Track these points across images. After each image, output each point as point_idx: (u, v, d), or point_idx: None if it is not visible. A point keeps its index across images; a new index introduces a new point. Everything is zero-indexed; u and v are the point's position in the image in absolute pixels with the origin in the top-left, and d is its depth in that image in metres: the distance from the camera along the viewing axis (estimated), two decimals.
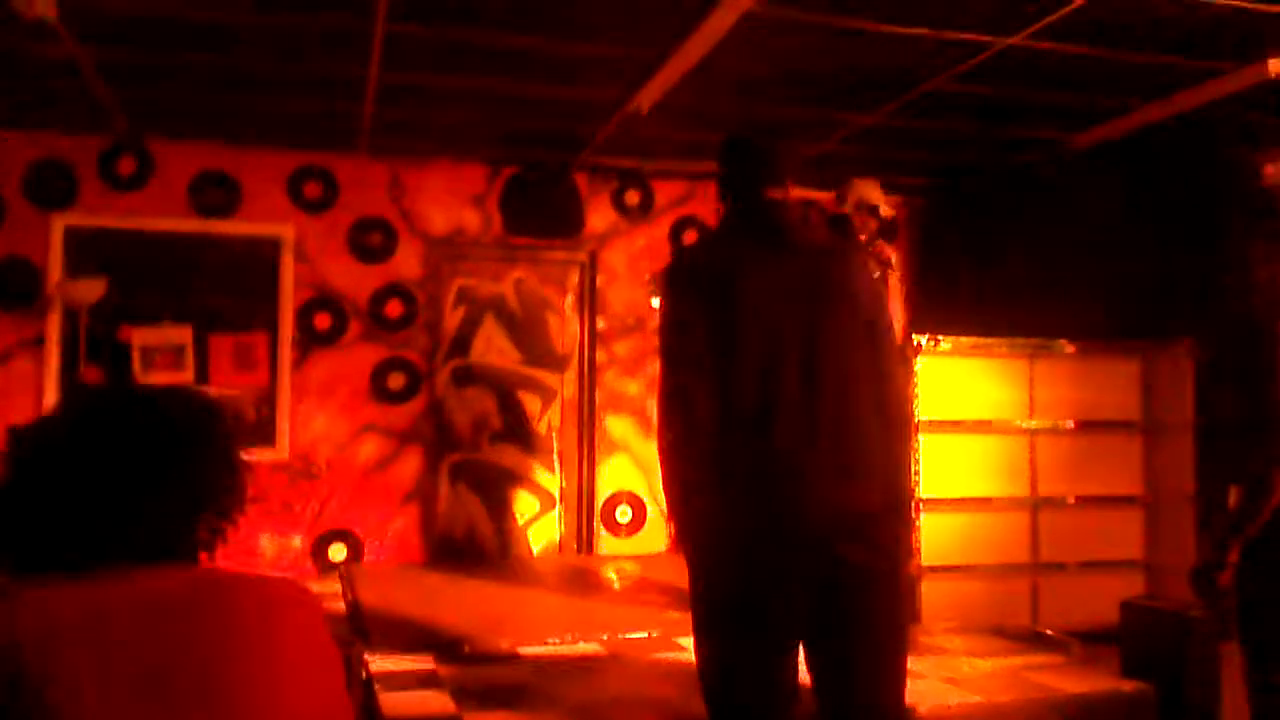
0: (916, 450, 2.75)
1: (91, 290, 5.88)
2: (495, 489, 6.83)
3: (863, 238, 4.34)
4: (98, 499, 1.27)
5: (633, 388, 6.99)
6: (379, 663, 3.86)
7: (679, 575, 4.59)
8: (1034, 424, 5.34)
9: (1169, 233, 5.51)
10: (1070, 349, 5.47)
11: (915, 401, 2.85)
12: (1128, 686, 3.81)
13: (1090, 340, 5.55)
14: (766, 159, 2.68)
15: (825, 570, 2.48)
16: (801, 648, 2.57)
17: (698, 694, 3.54)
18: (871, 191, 4.40)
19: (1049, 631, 4.72)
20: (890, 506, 2.56)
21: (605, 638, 4.38)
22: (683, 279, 2.65)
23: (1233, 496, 2.76)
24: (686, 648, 4.22)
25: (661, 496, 6.11)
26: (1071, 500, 5.35)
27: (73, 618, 1.17)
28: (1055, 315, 5.78)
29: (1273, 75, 4.67)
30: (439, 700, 3.48)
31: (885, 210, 4.41)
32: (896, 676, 2.57)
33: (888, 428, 2.57)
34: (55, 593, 1.20)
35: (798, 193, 3.84)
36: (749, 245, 2.60)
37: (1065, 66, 4.80)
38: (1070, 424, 5.40)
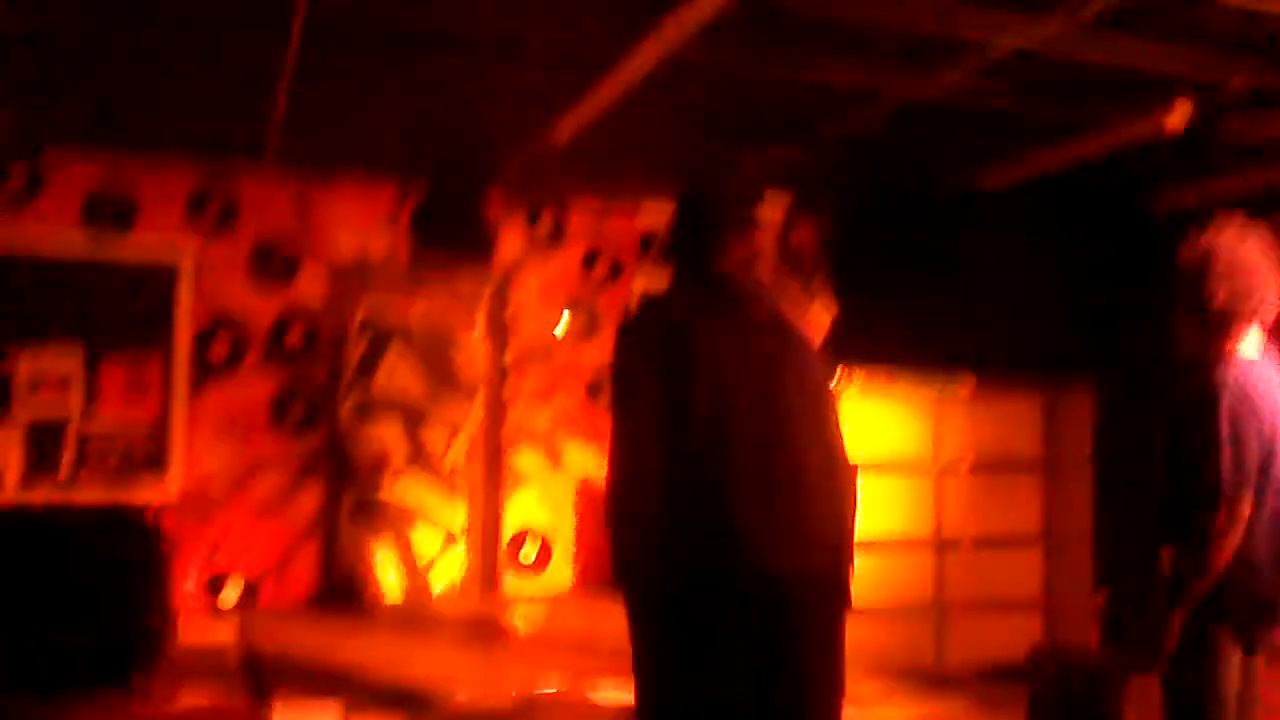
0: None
1: None
2: (397, 525, 6.64)
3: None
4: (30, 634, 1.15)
5: (541, 420, 6.89)
6: (283, 712, 3.71)
7: (585, 617, 4.55)
8: (937, 464, 5.41)
9: (1072, 274, 5.65)
10: (974, 387, 5.55)
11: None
12: None
13: (994, 373, 5.65)
14: (711, 213, 2.66)
15: (773, 640, 2.50)
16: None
17: None
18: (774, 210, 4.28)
19: (951, 673, 4.78)
20: (839, 568, 2.59)
21: (514, 694, 4.27)
22: (636, 340, 2.62)
23: (1166, 561, 2.81)
24: (597, 702, 4.17)
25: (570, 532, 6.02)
26: (971, 541, 5.42)
27: None
28: (960, 349, 5.86)
29: (1167, 130, 4.83)
30: None
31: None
32: None
33: (840, 496, 2.61)
34: None
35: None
36: (700, 308, 2.58)
37: (976, 110, 4.90)
38: (973, 463, 5.49)
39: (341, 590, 6.41)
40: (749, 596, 2.46)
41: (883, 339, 6.39)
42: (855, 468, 2.67)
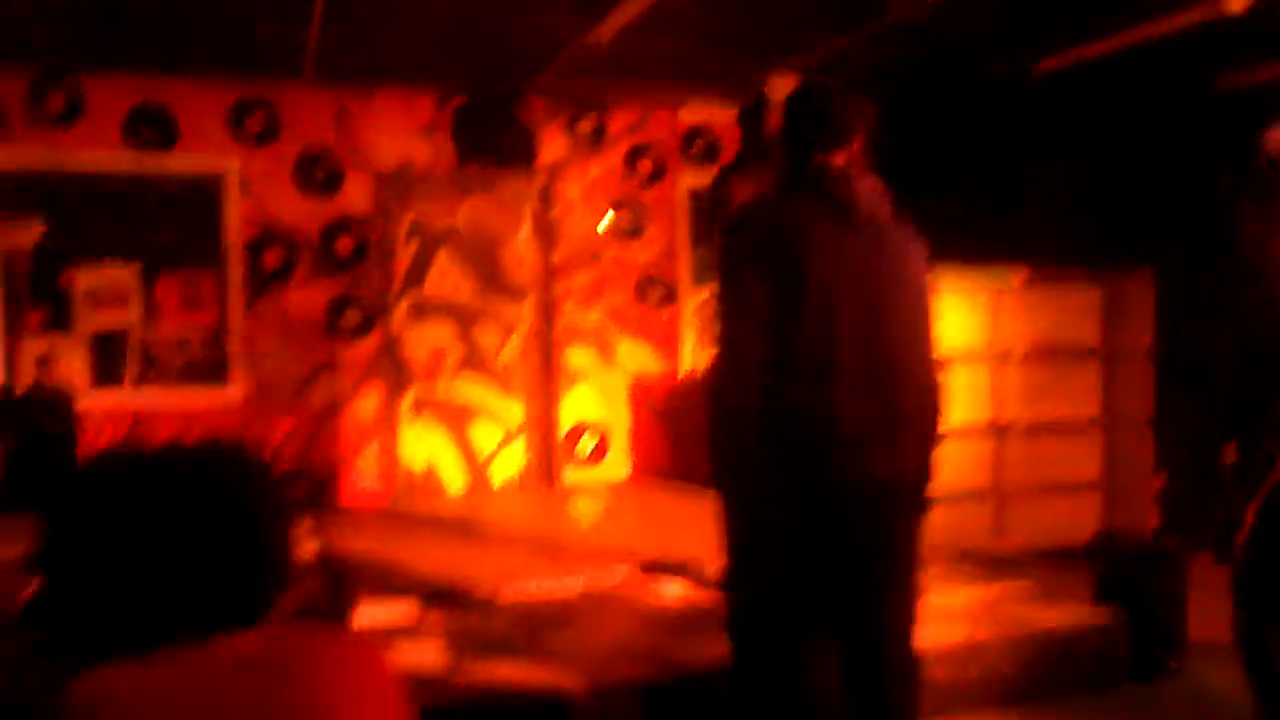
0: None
1: (28, 232, 5.63)
2: (456, 422, 6.77)
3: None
4: (162, 573, 1.19)
5: (591, 318, 6.93)
6: (364, 612, 3.82)
7: (644, 505, 4.64)
8: (995, 351, 5.39)
9: (1130, 159, 5.53)
10: (1030, 277, 5.50)
11: None
12: (1100, 614, 3.91)
13: (1051, 266, 5.59)
14: (828, 119, 2.61)
15: (866, 539, 2.56)
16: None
17: (681, 639, 3.58)
18: (786, 81, 3.83)
19: (1011, 555, 4.84)
20: (925, 481, 2.65)
21: (579, 587, 4.37)
22: (746, 241, 2.59)
23: (1230, 452, 2.81)
24: (659, 595, 4.26)
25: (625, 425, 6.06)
26: (1031, 425, 5.43)
27: (169, 700, 1.12)
28: (1016, 242, 5.80)
29: (1229, 11, 4.67)
30: (433, 649, 3.47)
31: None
32: (913, 629, 2.67)
33: (930, 408, 2.64)
34: (144, 674, 1.14)
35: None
36: (813, 212, 2.55)
37: None
38: (1030, 351, 5.46)
39: (405, 487, 6.58)
40: (844, 497, 2.51)
41: (937, 231, 6.30)
42: (940, 381, 2.68)
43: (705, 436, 2.62)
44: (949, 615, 3.84)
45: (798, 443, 2.50)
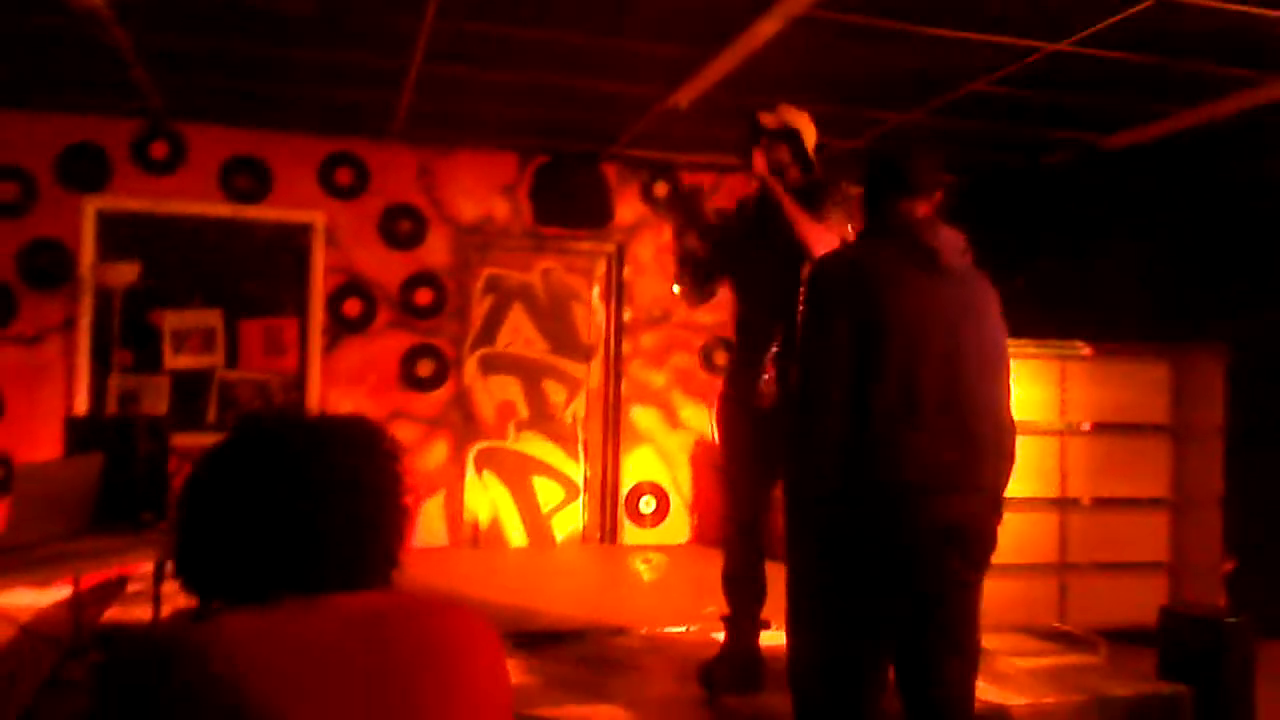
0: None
1: (126, 273, 5.89)
2: (520, 477, 6.88)
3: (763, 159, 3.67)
4: (298, 528, 1.29)
5: (658, 379, 7.03)
6: None
7: (704, 568, 4.68)
8: (1063, 425, 5.38)
9: (1200, 237, 5.55)
10: (1098, 349, 5.50)
11: None
12: (1165, 688, 3.86)
13: (1119, 342, 5.59)
14: (906, 172, 2.71)
15: (935, 582, 2.58)
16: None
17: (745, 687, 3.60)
18: (798, 117, 3.81)
19: (1075, 631, 4.79)
20: (993, 523, 2.67)
21: (644, 631, 4.43)
22: (834, 284, 2.68)
23: None
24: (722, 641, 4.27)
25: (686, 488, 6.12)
26: (1095, 501, 5.39)
27: (280, 645, 1.20)
28: (1083, 316, 5.82)
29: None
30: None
31: (809, 138, 3.81)
32: (973, 680, 2.66)
33: (1004, 452, 2.68)
34: (259, 620, 1.23)
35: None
36: (898, 259, 2.64)
37: (1106, 71, 4.83)
38: (1097, 426, 5.45)
39: (469, 538, 6.68)
40: (915, 542, 2.53)
41: (1005, 303, 6.35)
42: (1014, 425, 2.71)
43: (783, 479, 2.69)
44: (1013, 681, 3.82)
45: (874, 485, 2.54)
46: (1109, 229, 6.02)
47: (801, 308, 2.75)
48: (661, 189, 7.07)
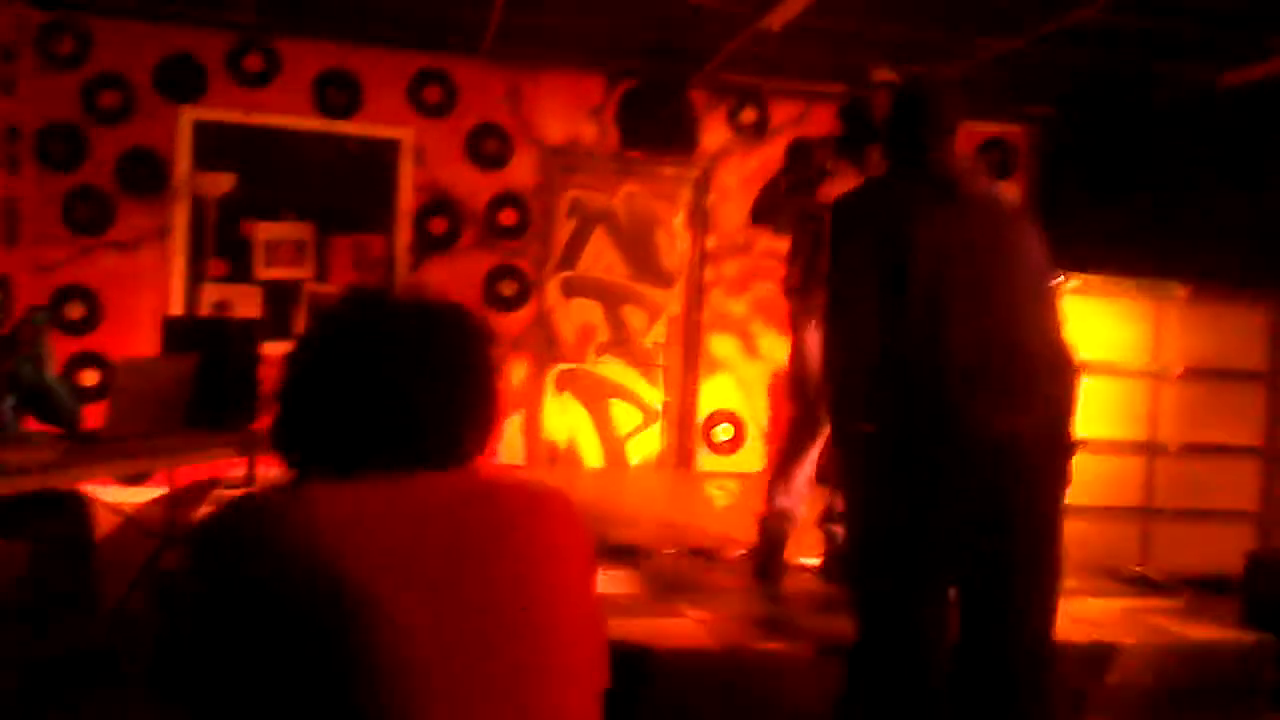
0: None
1: (221, 184, 6.00)
2: (598, 400, 6.93)
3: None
4: (396, 404, 1.31)
5: (738, 308, 6.99)
6: None
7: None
8: (1156, 368, 5.24)
9: None
10: (1195, 292, 5.32)
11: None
12: (1248, 635, 3.78)
13: (1217, 285, 5.40)
14: (930, 111, 2.69)
15: (983, 503, 2.52)
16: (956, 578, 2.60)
17: (816, 613, 3.62)
18: (886, 72, 4.01)
19: (1157, 576, 4.71)
20: (1055, 446, 2.59)
21: (715, 552, 4.46)
22: (856, 216, 2.69)
23: None
24: (795, 562, 4.29)
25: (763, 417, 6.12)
26: (1184, 448, 5.26)
27: (369, 515, 1.22)
28: (1181, 257, 5.63)
29: None
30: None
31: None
32: (1045, 614, 2.61)
33: (1056, 372, 2.61)
34: (350, 492, 1.25)
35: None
36: (918, 193, 2.62)
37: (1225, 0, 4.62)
38: (1189, 370, 5.29)
39: (546, 459, 6.77)
40: (957, 452, 2.49)
41: (1104, 240, 6.18)
42: (1072, 351, 2.65)
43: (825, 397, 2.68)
44: (1091, 621, 3.78)
45: (908, 404, 2.52)
46: (1214, 170, 5.79)
47: (829, 241, 2.74)
48: (749, 116, 6.97)
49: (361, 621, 1.14)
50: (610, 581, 3.90)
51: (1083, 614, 3.86)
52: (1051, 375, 2.61)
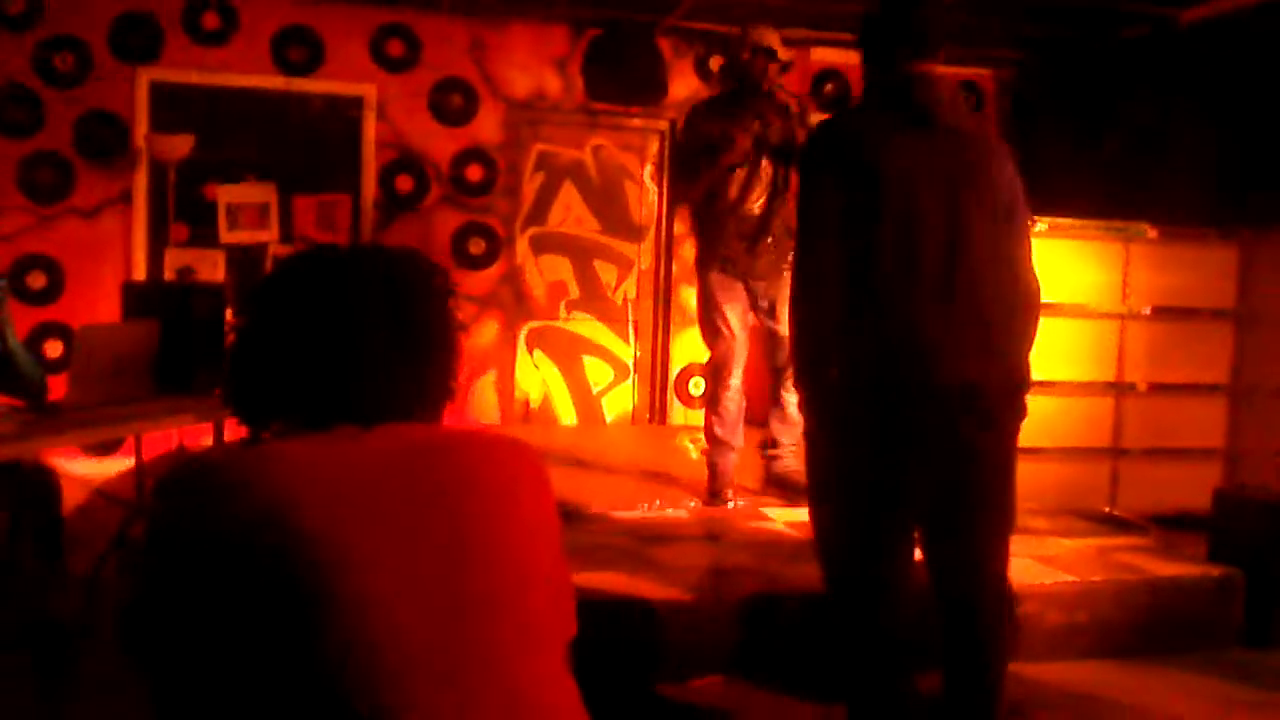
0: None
1: (180, 145, 5.89)
2: (571, 357, 6.91)
3: (764, 84, 4.41)
4: (351, 357, 1.29)
5: None
6: None
7: (751, 449, 4.74)
8: (1124, 309, 5.27)
9: (1273, 117, 5.32)
10: (1163, 232, 5.34)
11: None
12: (1215, 570, 3.84)
13: (1187, 225, 5.42)
14: (911, 28, 2.59)
15: (947, 445, 2.52)
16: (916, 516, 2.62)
17: (791, 562, 3.65)
18: (766, 35, 4.42)
19: (1125, 515, 4.76)
20: (1015, 386, 2.59)
21: (692, 504, 4.48)
22: (822, 151, 2.62)
23: None
24: (773, 519, 4.32)
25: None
26: (1152, 387, 5.30)
27: (328, 468, 1.21)
28: (1152, 197, 5.64)
29: None
30: None
31: (783, 54, 4.44)
32: (1002, 551, 2.63)
33: (1022, 310, 2.60)
34: (309, 445, 1.24)
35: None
36: (891, 120, 2.55)
37: None
38: (1157, 310, 5.32)
39: (519, 416, 6.76)
40: (922, 398, 2.48)
41: (1071, 182, 6.18)
42: (1039, 289, 2.63)
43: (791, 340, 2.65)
44: (1061, 562, 3.82)
45: (878, 350, 2.49)
46: (1181, 109, 5.78)
47: (799, 179, 2.69)
48: (716, 63, 6.90)
49: (324, 572, 1.13)
50: (586, 536, 3.91)
51: (1053, 554, 3.91)
52: (1018, 314, 2.60)
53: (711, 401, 4.65)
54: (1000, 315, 2.55)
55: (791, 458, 4.61)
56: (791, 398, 4.56)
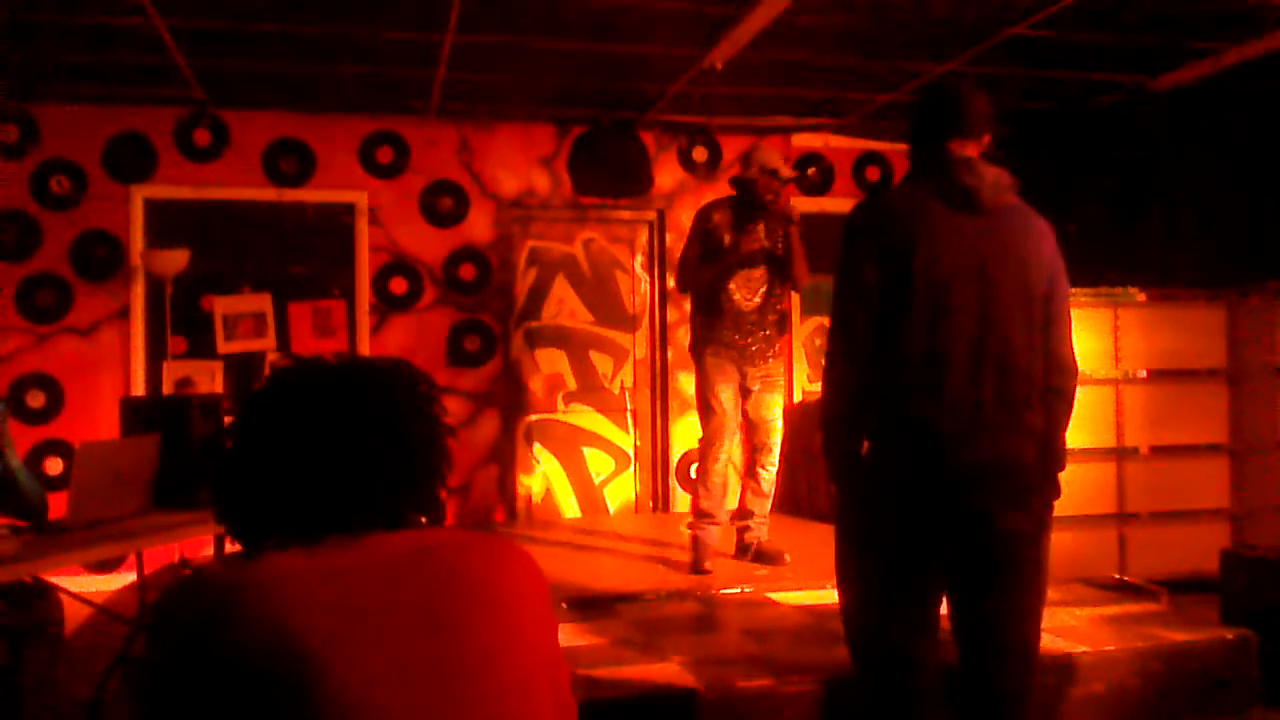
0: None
1: (175, 260, 5.98)
2: (571, 449, 6.91)
3: (769, 197, 4.77)
4: (337, 468, 1.31)
5: None
6: None
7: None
8: (1118, 373, 5.30)
9: (1254, 177, 5.41)
10: (1152, 295, 5.39)
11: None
12: (1229, 633, 3.80)
13: (1173, 288, 5.48)
14: (955, 111, 2.64)
15: (979, 525, 2.52)
16: (946, 593, 2.62)
17: (802, 646, 3.61)
18: (771, 156, 4.83)
19: (1135, 581, 4.73)
20: (1049, 466, 2.59)
21: (699, 594, 4.44)
22: (862, 226, 2.64)
23: None
24: (780, 603, 4.29)
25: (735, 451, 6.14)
26: (1154, 450, 5.31)
27: (322, 581, 1.21)
28: (1137, 262, 5.71)
29: None
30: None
31: (785, 172, 4.82)
32: (1034, 632, 2.62)
33: (1056, 390, 2.60)
34: (301, 558, 1.25)
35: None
36: (931, 200, 2.57)
37: (1150, 7, 4.72)
38: (1153, 373, 5.35)
39: (522, 510, 6.73)
40: (953, 480, 2.49)
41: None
42: (1074, 363, 2.63)
43: (819, 416, 2.66)
44: (1074, 633, 3.78)
45: (905, 426, 2.50)
46: (1160, 173, 5.88)
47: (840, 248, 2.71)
48: (700, 154, 7.05)
49: (322, 688, 1.13)
50: (591, 631, 3.87)
51: (1065, 624, 3.87)
52: (1051, 394, 2.60)
53: (700, 475, 4.94)
54: (1033, 395, 2.55)
55: (762, 529, 4.99)
56: (765, 473, 4.96)
